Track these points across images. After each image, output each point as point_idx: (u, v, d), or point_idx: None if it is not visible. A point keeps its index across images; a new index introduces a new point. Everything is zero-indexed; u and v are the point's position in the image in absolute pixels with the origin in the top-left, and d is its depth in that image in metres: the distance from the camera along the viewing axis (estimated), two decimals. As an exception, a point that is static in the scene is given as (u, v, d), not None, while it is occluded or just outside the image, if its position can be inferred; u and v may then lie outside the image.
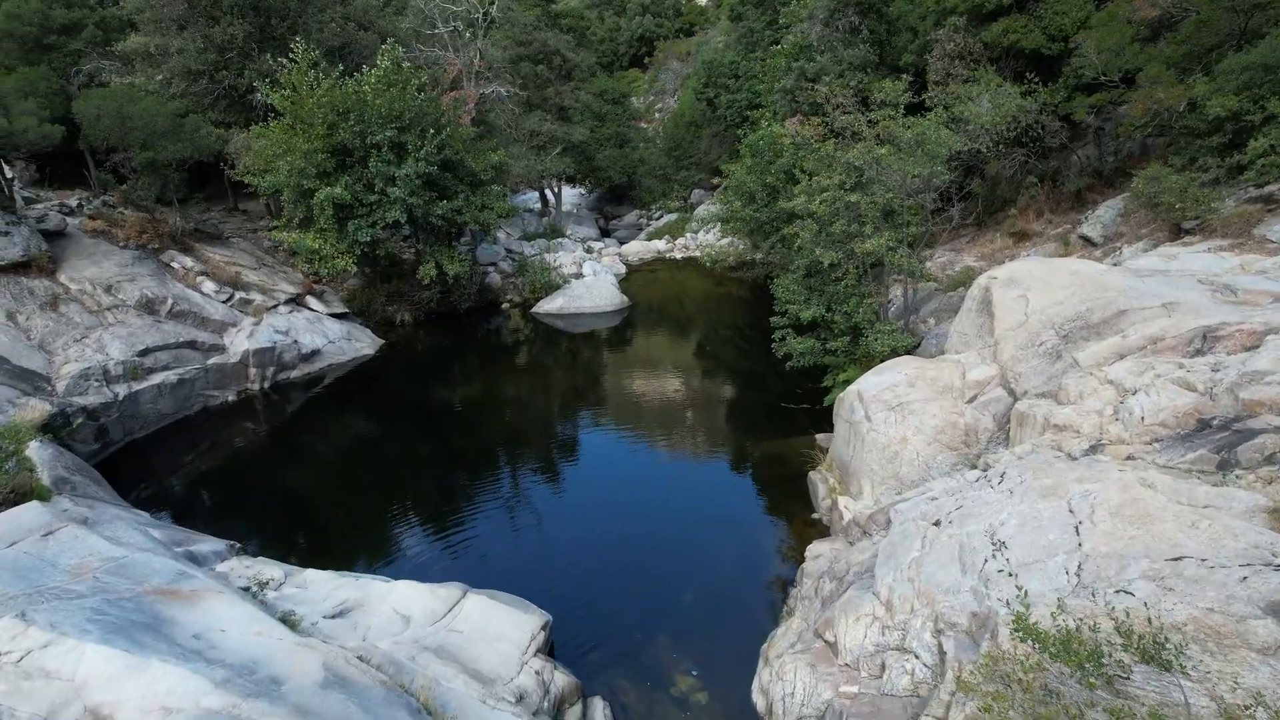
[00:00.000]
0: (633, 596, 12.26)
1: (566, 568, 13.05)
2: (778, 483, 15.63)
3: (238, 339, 20.29)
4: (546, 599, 11.71)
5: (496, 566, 13.13)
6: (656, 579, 12.77)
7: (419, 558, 13.38)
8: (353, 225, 22.87)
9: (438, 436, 18.84)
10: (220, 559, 10.86)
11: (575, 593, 12.27)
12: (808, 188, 16.88)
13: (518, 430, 19.11)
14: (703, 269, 32.60)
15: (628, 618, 11.68)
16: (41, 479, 12.09)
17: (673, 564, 13.25)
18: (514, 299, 28.73)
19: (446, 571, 12.89)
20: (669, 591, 12.38)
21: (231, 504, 15.46)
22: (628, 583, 12.68)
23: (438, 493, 15.90)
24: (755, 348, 24.70)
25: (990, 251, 20.64)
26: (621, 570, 13.06)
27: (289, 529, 14.52)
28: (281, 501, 15.56)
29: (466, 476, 16.66)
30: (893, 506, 10.91)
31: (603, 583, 12.67)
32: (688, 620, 11.68)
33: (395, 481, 16.37)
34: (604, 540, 14.03)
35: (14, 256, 18.89)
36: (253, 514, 15.03)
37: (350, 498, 15.81)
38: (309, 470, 17.04)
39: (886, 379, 13.75)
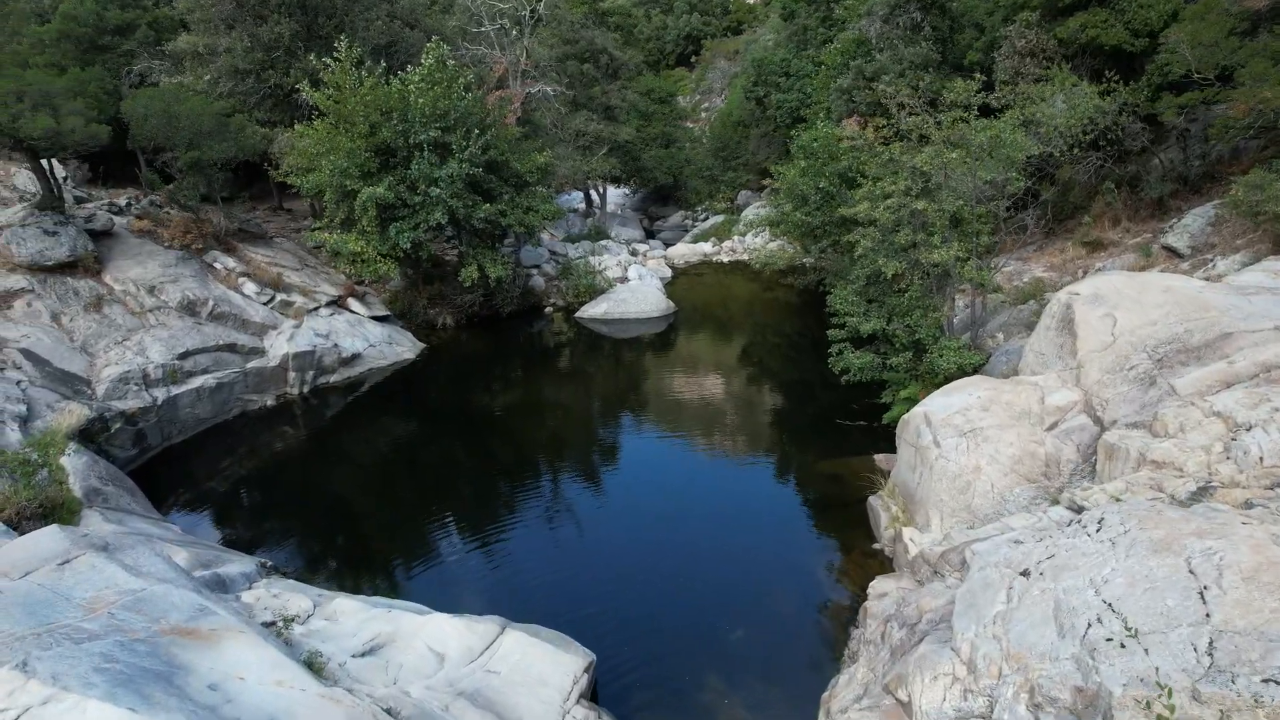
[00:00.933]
0: (680, 631, 11.49)
1: (608, 596, 12.31)
2: (834, 507, 14.71)
3: (277, 342, 19.99)
4: (587, 632, 11.01)
5: (534, 591, 12.45)
6: (704, 610, 11.97)
7: (453, 579, 12.80)
8: (394, 228, 22.46)
9: (478, 445, 18.28)
10: (249, 581, 10.36)
11: (618, 625, 11.53)
12: (870, 193, 15.90)
13: (560, 441, 18.46)
14: (750, 273, 31.69)
15: (675, 656, 10.90)
16: (73, 490, 11.78)
17: (722, 593, 12.44)
18: (557, 303, 28.13)
19: (482, 594, 12.30)
20: (718, 626, 11.58)
21: (266, 514, 15.09)
22: (674, 614, 11.90)
23: (476, 506, 15.30)
24: (806, 357, 23.75)
25: (1061, 262, 19.41)
26: (667, 599, 12.28)
27: (323, 543, 14.06)
28: (316, 512, 15.11)
29: (505, 490, 16.05)
30: (968, 545, 9.95)
31: (647, 613, 11.90)
32: (739, 660, 10.87)
33: (433, 493, 15.84)
34: (647, 564, 13.27)
35: (60, 257, 18.82)
36: (287, 525, 14.62)
37: (386, 509, 15.31)
38: (345, 479, 16.59)
39: (957, 401, 12.75)
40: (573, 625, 11.10)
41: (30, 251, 18.48)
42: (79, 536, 8.05)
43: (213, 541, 13.42)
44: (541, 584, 12.68)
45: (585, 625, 11.31)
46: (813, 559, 13.29)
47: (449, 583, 12.74)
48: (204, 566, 10.12)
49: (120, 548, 8.35)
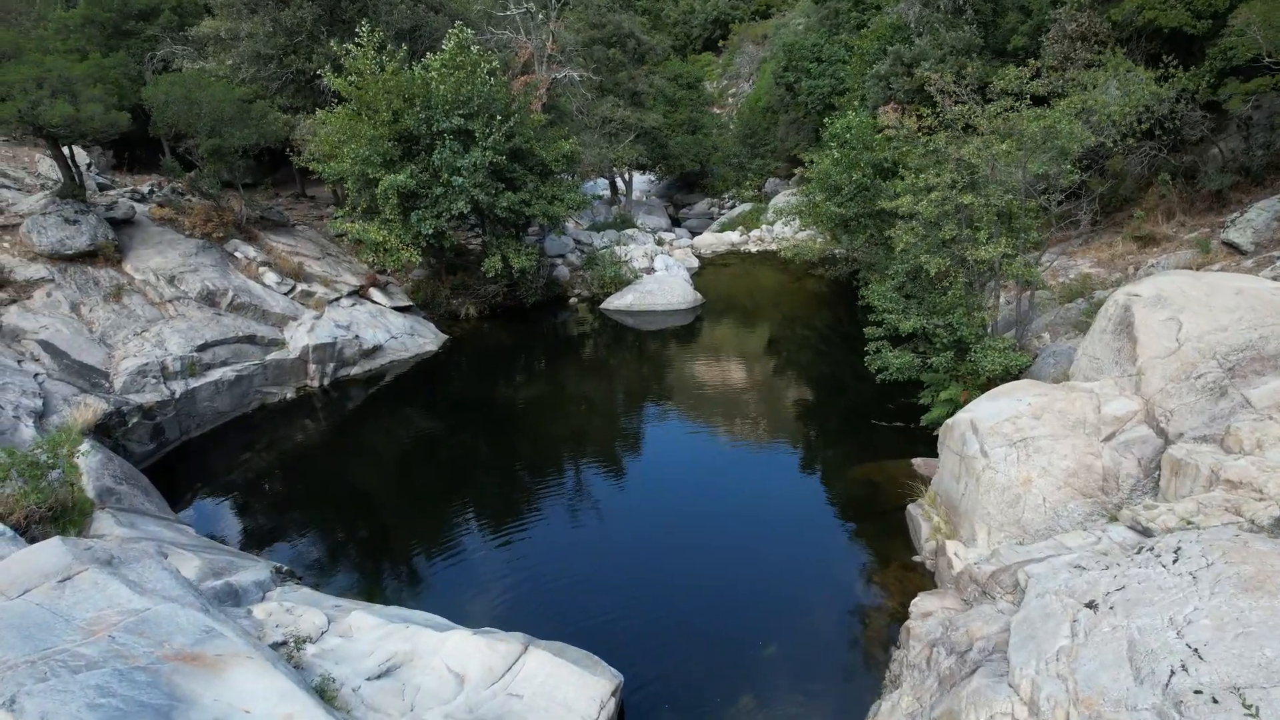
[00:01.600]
0: (710, 645, 10.94)
1: (634, 605, 11.76)
2: (871, 515, 14.06)
3: (297, 333, 19.64)
4: (613, 645, 10.51)
5: (557, 597, 11.95)
6: (735, 623, 11.41)
7: (473, 584, 12.34)
8: (416, 216, 22.01)
9: (500, 441, 17.81)
10: (262, 591, 9.96)
11: (645, 638, 11.01)
12: (912, 186, 15.13)
13: (584, 438, 17.92)
14: (779, 264, 30.91)
15: (705, 674, 10.36)
16: (86, 490, 11.45)
17: (753, 604, 11.87)
18: (582, 293, 27.59)
19: (503, 601, 11.85)
20: (750, 642, 11.00)
21: (284, 511, 14.72)
22: (703, 626, 11.34)
23: (497, 505, 14.83)
24: (837, 351, 23.05)
25: (1109, 257, 18.50)
26: (696, 610, 11.71)
27: (340, 543, 13.67)
28: (335, 510, 14.73)
29: (528, 488, 15.57)
30: (1021, 567, 9.29)
31: (675, 625, 11.36)
32: (773, 680, 10.31)
33: (453, 491, 15.42)
34: (674, 570, 12.71)
35: (81, 246, 18.56)
36: (305, 524, 14.25)
37: (406, 507, 14.91)
38: (365, 475, 16.20)
39: (1005, 408, 12.04)
40: (597, 638, 10.63)
41: (51, 240, 18.23)
42: (82, 550, 7.64)
43: (228, 543, 13.09)
44: (564, 589, 12.18)
45: (610, 637, 10.83)
46: (848, 570, 12.66)
47: (468, 588, 12.30)
48: (216, 576, 9.73)
49: (126, 561, 7.93)
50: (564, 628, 11.22)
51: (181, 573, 9.34)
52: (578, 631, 10.95)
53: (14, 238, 18.37)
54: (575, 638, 10.61)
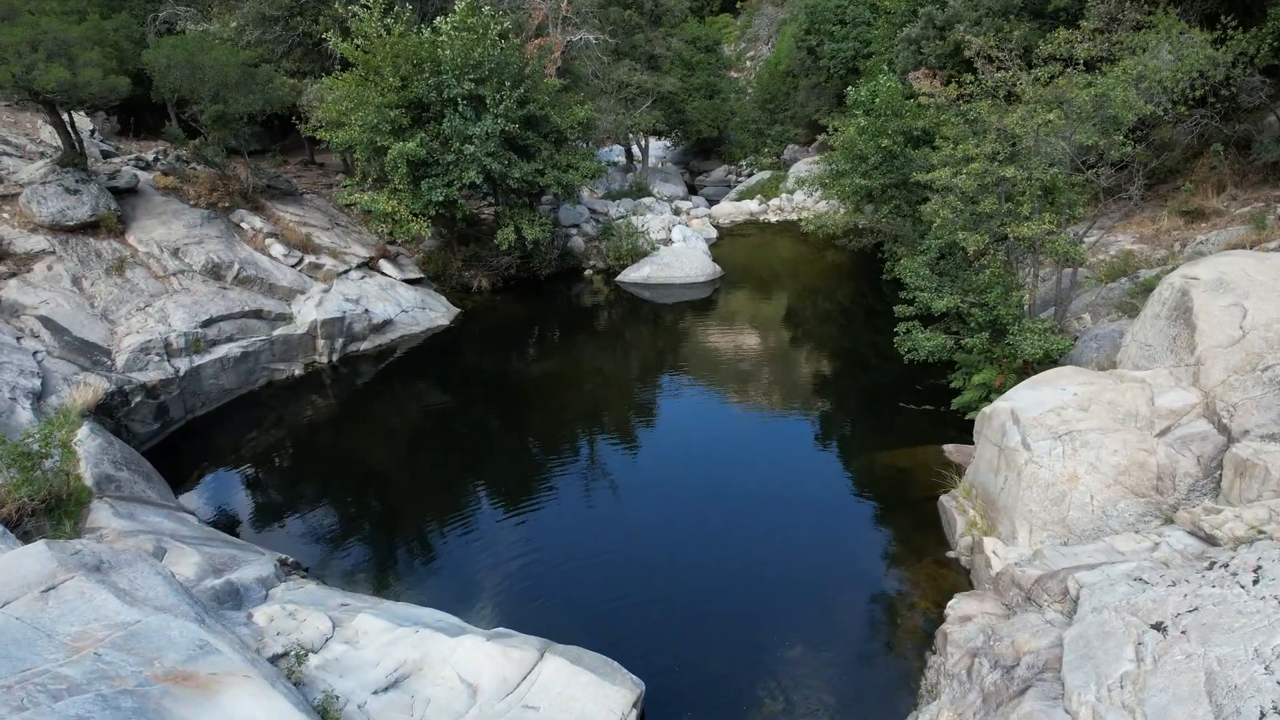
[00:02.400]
0: (732, 646, 10.42)
1: (653, 602, 11.24)
2: (901, 505, 13.45)
3: (305, 308, 19.07)
4: (630, 646, 10.02)
5: (570, 593, 11.45)
6: (759, 621, 10.88)
7: (484, 575, 11.85)
8: (426, 185, 21.28)
9: (514, 421, 17.27)
10: (265, 588, 9.50)
11: (663, 637, 10.51)
12: (950, 158, 14.25)
13: (600, 420, 17.34)
14: (799, 235, 29.96)
15: (728, 679, 9.87)
16: (83, 477, 10.99)
17: (777, 600, 11.33)
18: (597, 265, 26.84)
19: (515, 594, 11.36)
20: (775, 641, 10.48)
21: (291, 494, 14.28)
22: (724, 625, 10.81)
23: (510, 488, 14.33)
24: (861, 329, 22.31)
25: (1153, 233, 17.58)
26: (717, 606, 11.19)
27: (348, 529, 13.19)
28: (343, 493, 14.27)
29: (542, 472, 15.04)
30: (1071, 573, 8.67)
31: (695, 623, 10.82)
32: (801, 685, 9.79)
33: (465, 472, 14.91)
34: (694, 562, 12.16)
35: (82, 216, 17.99)
36: (312, 507, 13.80)
37: (416, 488, 14.43)
38: (375, 456, 15.71)
39: (1049, 398, 11.32)
40: (614, 637, 10.21)
41: (51, 211, 17.67)
42: (68, 555, 7.14)
43: (232, 530, 12.68)
44: (578, 580, 11.69)
45: (627, 635, 10.39)
46: (878, 564, 12.08)
47: (478, 578, 11.81)
48: (216, 573, 9.26)
49: (116, 565, 7.44)
50: (579, 624, 10.75)
51: (180, 571, 8.88)
52: (593, 629, 10.49)
53: (14, 208, 17.81)
54: (592, 636, 10.17)
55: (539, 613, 11.07)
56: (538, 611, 11.10)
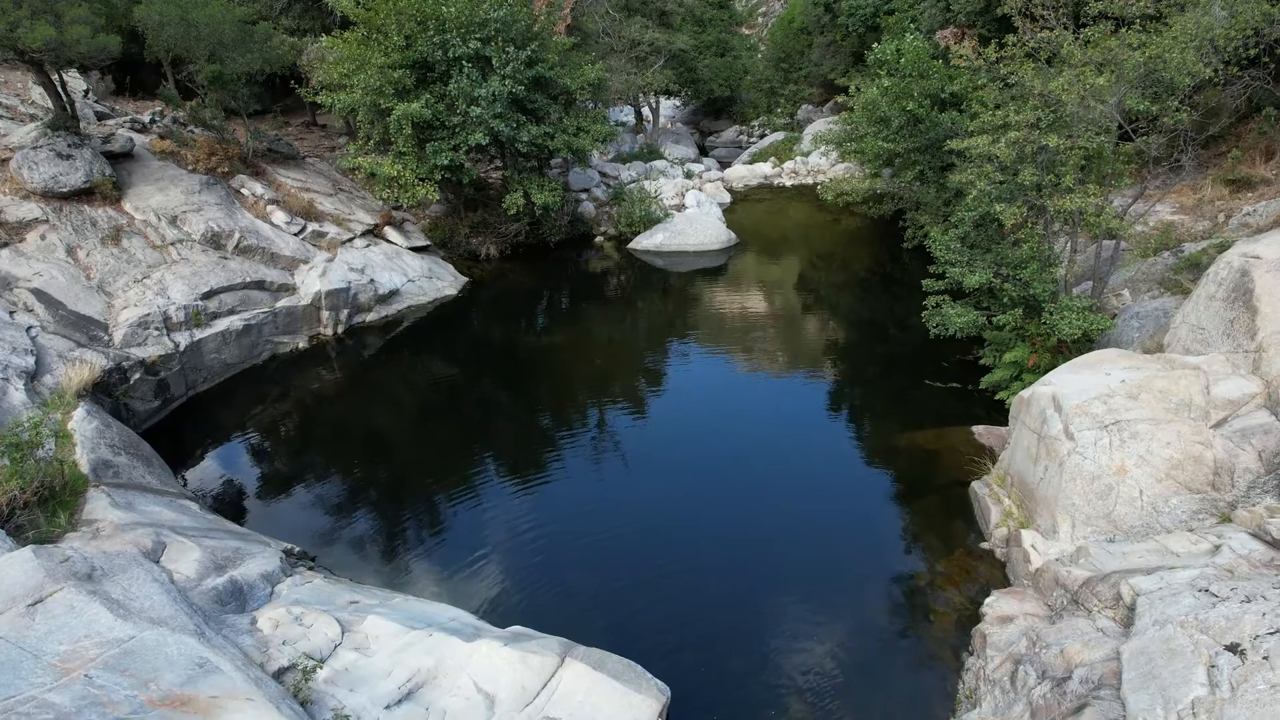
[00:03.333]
0: (756, 644, 9.99)
1: (671, 594, 10.76)
2: (930, 491, 12.92)
3: (309, 278, 18.44)
4: (652, 646, 9.64)
5: (586, 583, 10.99)
6: (784, 615, 10.45)
7: (497, 562, 11.39)
8: (432, 148, 20.49)
9: (526, 396, 16.72)
10: (271, 584, 9.05)
11: (685, 635, 10.04)
12: (988, 124, 13.43)
13: (612, 396, 16.75)
14: (816, 201, 29.10)
15: (753, 679, 9.44)
16: (79, 463, 10.52)
17: (803, 593, 10.86)
18: (608, 231, 26.07)
19: (530, 584, 10.89)
20: (800, 639, 10.05)
21: (296, 475, 13.79)
22: (747, 620, 10.38)
23: (523, 468, 13.85)
24: (883, 300, 21.61)
25: (1194, 203, 16.76)
26: (738, 599, 10.71)
27: (355, 511, 12.72)
28: (350, 472, 13.79)
29: (554, 452, 14.54)
30: (1125, 578, 8.15)
31: (717, 619, 10.35)
32: (830, 685, 9.35)
33: (475, 451, 14.46)
34: (715, 552, 11.65)
35: (76, 183, 17.30)
36: (319, 487, 13.36)
37: (425, 468, 13.94)
38: (382, 433, 15.19)
39: (1093, 384, 10.70)
40: (633, 630, 9.90)
41: (44, 177, 16.98)
42: (57, 564, 6.65)
43: (235, 515, 12.24)
44: (594, 569, 11.22)
45: (646, 627, 10.02)
46: (907, 555, 11.58)
47: (491, 566, 11.35)
48: (218, 570, 8.80)
49: (110, 572, 6.96)
50: (597, 615, 10.35)
51: (180, 569, 8.43)
52: (612, 622, 10.15)
53: (4, 173, 17.13)
54: (611, 631, 9.86)
55: (555, 602, 10.65)
56: (554, 601, 10.68)
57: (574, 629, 9.93)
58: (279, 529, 12.11)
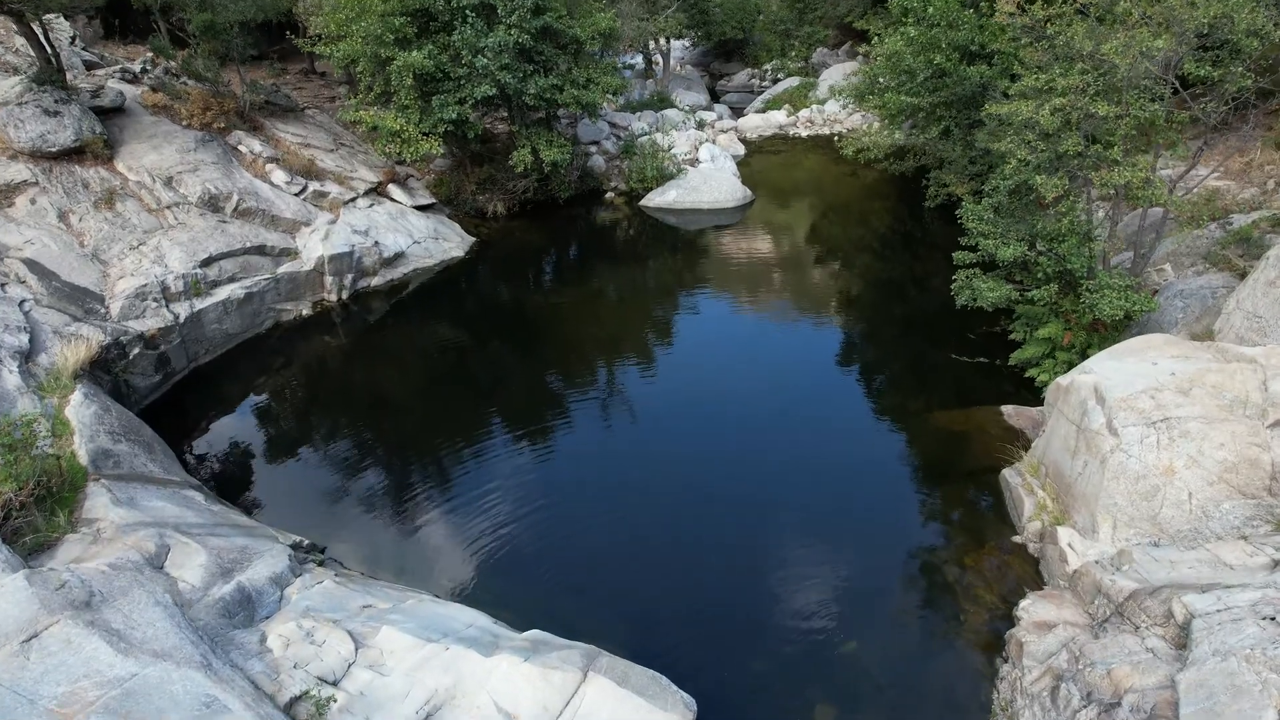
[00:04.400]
0: (782, 643, 9.69)
1: (691, 593, 10.43)
2: (958, 476, 12.48)
3: (311, 241, 17.78)
4: (672, 648, 9.40)
5: (606, 580, 10.67)
6: (807, 612, 10.13)
7: (511, 553, 11.06)
8: (437, 101, 19.58)
9: (535, 365, 16.23)
10: (280, 587, 8.71)
11: (706, 636, 9.75)
12: (1031, 89, 12.55)
13: (626, 365, 16.18)
14: (833, 153, 28.08)
15: (778, 684, 9.15)
16: (78, 454, 10.10)
17: (825, 586, 10.56)
18: (619, 186, 25.17)
19: (547, 583, 10.55)
20: (827, 637, 9.75)
21: (301, 452, 13.45)
22: (772, 617, 10.07)
23: (535, 442, 13.54)
24: (905, 264, 20.90)
25: (1241, 167, 15.92)
26: (761, 597, 10.39)
27: (363, 493, 12.40)
28: (357, 448, 13.45)
29: (567, 424, 14.16)
30: (1176, 594, 7.73)
31: (739, 619, 10.05)
32: (858, 691, 9.08)
33: (486, 423, 14.13)
34: (732, 547, 11.23)
35: (65, 142, 16.52)
36: (325, 467, 13.03)
37: (434, 442, 13.61)
38: (390, 405, 14.79)
39: (1139, 374, 10.15)
40: (654, 630, 9.61)
41: (31, 135, 16.21)
42: (52, 591, 6.27)
43: (240, 501, 11.90)
44: (610, 559, 10.92)
45: (667, 630, 9.72)
46: (935, 547, 11.19)
47: (504, 553, 11.03)
48: (225, 575, 8.44)
49: (109, 596, 6.58)
50: (615, 610, 10.07)
51: (185, 576, 8.07)
52: (629, 617, 9.90)
53: (-11, 132, 16.34)
54: (631, 628, 9.63)
55: (572, 594, 10.36)
56: (571, 593, 10.39)
57: (593, 623, 9.71)
58: (286, 513, 11.81)
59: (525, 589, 10.51)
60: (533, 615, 9.79)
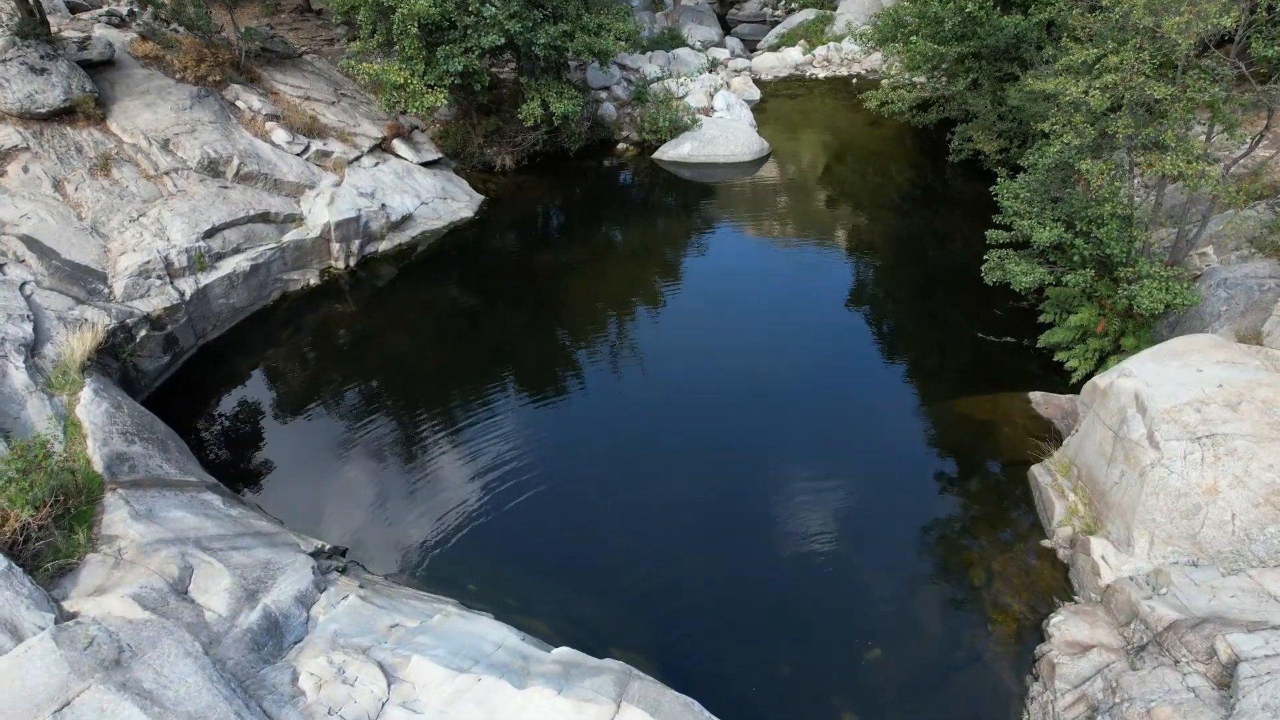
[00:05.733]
0: (806, 651, 9.67)
1: (712, 598, 10.33)
2: (984, 470, 12.31)
3: (316, 206, 17.16)
4: (698, 661, 9.42)
5: (628, 591, 10.53)
6: (830, 616, 10.10)
7: (534, 553, 10.99)
8: (443, 52, 18.64)
9: (552, 333, 15.96)
10: (306, 609, 8.61)
11: (730, 647, 9.74)
12: (1079, 64, 11.79)
13: (643, 339, 15.79)
14: (852, 99, 27.04)
15: (806, 693, 9.18)
16: (92, 459, 9.87)
17: (847, 588, 10.52)
18: (631, 135, 24.23)
19: (573, 592, 10.45)
20: (852, 646, 9.72)
21: (315, 431, 13.27)
22: (795, 622, 10.03)
23: (556, 420, 13.47)
24: (926, 225, 20.27)
25: (1290, 134, 15.13)
26: (781, 597, 10.34)
27: (379, 472, 12.34)
28: (372, 425, 13.30)
29: (584, 395, 14.09)
30: (1220, 631, 7.60)
31: (757, 623, 10.01)
32: (885, 705, 9.09)
33: (502, 394, 14.07)
34: (750, 542, 11.17)
35: (55, 102, 15.76)
36: (339, 446, 12.90)
37: (451, 418, 13.51)
38: (404, 378, 14.53)
39: (1183, 382, 9.82)
40: (679, 643, 9.59)
41: (18, 96, 15.43)
42: (81, 652, 6.12)
43: (254, 492, 11.76)
44: (630, 567, 10.75)
45: (693, 642, 9.68)
46: (963, 547, 11.05)
47: (524, 553, 10.97)
48: (250, 599, 8.33)
49: (139, 650, 6.45)
50: (637, 617, 10.03)
51: (211, 604, 7.98)
52: (654, 626, 9.87)
53: (-26, 93, 15.54)
54: (655, 637, 9.68)
55: (594, 598, 10.29)
56: (593, 597, 10.32)
57: (616, 625, 9.76)
58: (301, 504, 11.71)
59: (547, 587, 10.46)
60: (555, 618, 9.82)
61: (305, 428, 13.46)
